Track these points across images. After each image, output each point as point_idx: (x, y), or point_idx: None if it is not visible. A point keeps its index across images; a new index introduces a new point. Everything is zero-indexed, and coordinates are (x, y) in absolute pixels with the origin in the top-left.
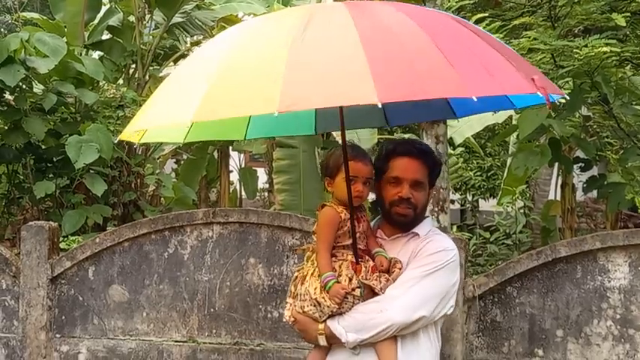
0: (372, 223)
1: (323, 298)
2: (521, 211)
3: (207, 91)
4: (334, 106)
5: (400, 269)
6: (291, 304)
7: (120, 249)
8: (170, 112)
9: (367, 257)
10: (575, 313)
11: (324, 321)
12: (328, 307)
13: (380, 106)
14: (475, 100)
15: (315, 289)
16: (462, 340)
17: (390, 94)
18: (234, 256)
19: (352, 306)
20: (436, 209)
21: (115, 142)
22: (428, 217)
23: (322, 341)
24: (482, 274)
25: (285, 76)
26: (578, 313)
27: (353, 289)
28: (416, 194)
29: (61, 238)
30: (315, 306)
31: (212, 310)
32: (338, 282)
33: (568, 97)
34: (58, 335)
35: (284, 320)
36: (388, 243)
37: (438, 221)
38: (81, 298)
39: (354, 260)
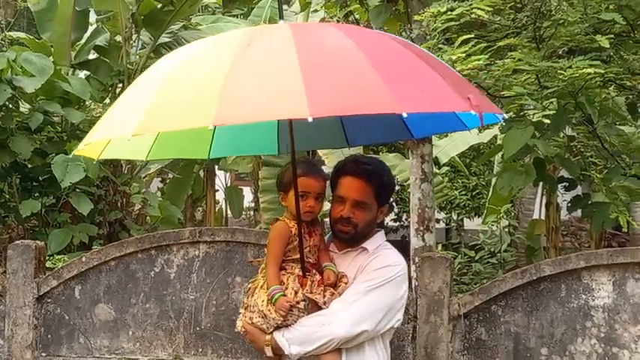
0: (326, 237)
1: (269, 310)
2: (506, 230)
3: (149, 106)
4: (268, 120)
5: (346, 283)
6: (242, 315)
7: (106, 268)
8: (114, 127)
9: (315, 271)
10: (560, 331)
11: (271, 332)
12: (274, 319)
13: (310, 120)
14: (405, 116)
15: (263, 301)
16: (447, 358)
17: (322, 110)
18: (221, 274)
19: (297, 319)
20: (421, 228)
21: (70, 156)
22: (380, 231)
23: (269, 352)
24: (468, 292)
25: (223, 92)
26: (563, 331)
27: (297, 302)
28: (357, 213)
29: (46, 257)
30: (262, 317)
31: (198, 328)
32: (284, 295)
33: (506, 116)
34: (43, 354)
35: (235, 331)
36: (339, 257)
37: (424, 240)
38: (67, 317)
39: (300, 274)
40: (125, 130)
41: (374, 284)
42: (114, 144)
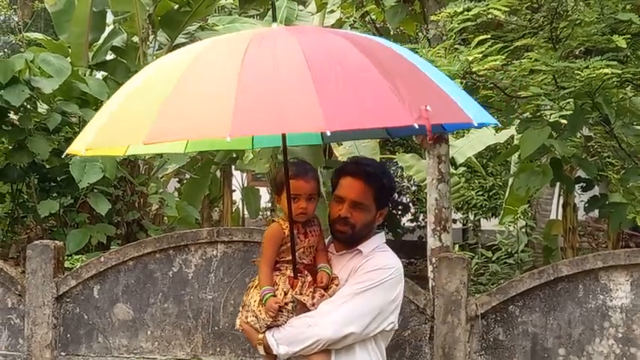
0: (327, 239)
1: (259, 310)
2: (523, 230)
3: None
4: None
5: (337, 285)
6: (240, 313)
7: (125, 268)
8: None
9: (306, 272)
10: (578, 331)
11: (264, 332)
12: (264, 319)
13: (329, 134)
14: (329, 134)
15: (255, 301)
16: (464, 358)
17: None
18: (239, 274)
19: (287, 319)
20: (438, 228)
21: (63, 156)
22: (379, 233)
23: (261, 350)
24: (485, 293)
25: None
26: (581, 331)
27: (286, 304)
28: (355, 214)
29: (65, 257)
30: (255, 317)
31: (216, 328)
32: (274, 296)
33: (476, 124)
34: (63, 353)
35: (235, 328)
36: (336, 258)
37: (440, 240)
38: (86, 317)
39: (291, 275)
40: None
41: (363, 287)
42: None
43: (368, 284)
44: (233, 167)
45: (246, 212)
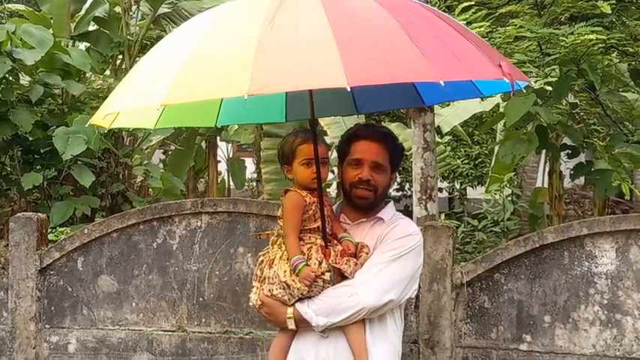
0: (334, 207)
1: (293, 280)
2: (509, 198)
3: (176, 75)
4: (304, 89)
5: (367, 254)
6: (257, 288)
7: (109, 239)
8: (140, 96)
9: (335, 241)
10: (563, 298)
11: (293, 304)
12: (298, 289)
13: (349, 89)
14: (443, 85)
15: (285, 272)
16: (450, 326)
17: (359, 79)
18: (223, 245)
19: (322, 289)
20: (424, 197)
21: (86, 126)
22: (390, 201)
23: (291, 324)
24: (471, 261)
25: (255, 61)
26: (566, 298)
27: (323, 273)
28: (376, 176)
29: (49, 230)
30: (284, 289)
31: (201, 299)
32: (307, 265)
33: (534, 84)
34: (47, 326)
35: (250, 305)
36: (353, 227)
37: (426, 209)
38: (70, 289)
39: (322, 244)
40: (153, 99)
41: (397, 253)
42: (123, 114)
43: (400, 251)
44: (218, 138)
45: (231, 183)
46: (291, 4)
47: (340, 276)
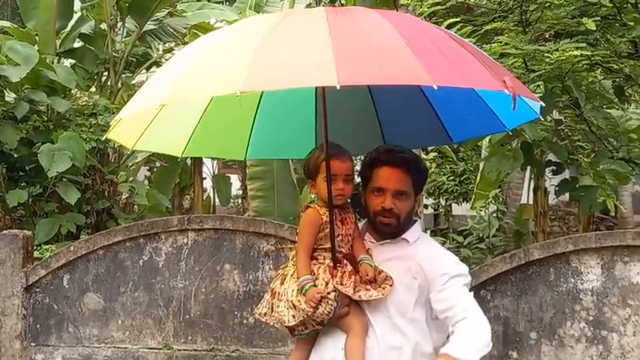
0: (360, 225)
1: (299, 301)
2: (494, 215)
3: (178, 78)
4: (295, 87)
5: (391, 286)
6: (267, 301)
7: (94, 257)
8: (143, 100)
9: (346, 261)
10: (549, 315)
11: (297, 325)
12: (304, 310)
13: (338, 87)
14: (436, 88)
15: (293, 291)
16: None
17: (350, 78)
18: (210, 262)
19: (330, 310)
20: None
21: (103, 139)
22: (416, 221)
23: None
24: None
25: (252, 61)
26: (552, 315)
27: (328, 293)
28: (399, 204)
29: (34, 247)
30: (289, 308)
31: (187, 316)
32: (315, 286)
33: (544, 104)
34: (33, 344)
35: (256, 315)
36: (377, 247)
37: None
38: (56, 307)
39: (331, 264)
40: (154, 101)
41: (464, 279)
42: (149, 136)
43: (465, 275)
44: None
45: (217, 200)
46: (296, 16)
47: (346, 297)
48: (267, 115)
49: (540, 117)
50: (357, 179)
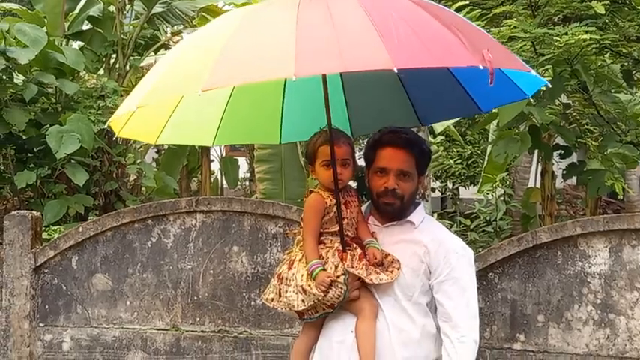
0: (363, 208)
1: (309, 285)
2: (502, 198)
3: (155, 79)
4: (255, 81)
5: (399, 269)
6: (274, 286)
7: (103, 238)
8: (175, 85)
9: (355, 245)
10: (556, 298)
11: (306, 310)
12: (314, 294)
13: (396, 71)
14: (396, 72)
15: (302, 275)
16: None
17: (308, 69)
18: (218, 244)
19: (340, 293)
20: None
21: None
22: (420, 203)
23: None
24: None
25: (218, 58)
26: (559, 298)
27: (338, 277)
28: (402, 184)
29: (42, 228)
30: (298, 293)
31: (195, 298)
32: (324, 269)
33: (545, 81)
34: (41, 324)
35: (262, 299)
36: (382, 230)
37: None
38: (64, 287)
39: (340, 248)
40: (194, 85)
41: (468, 277)
42: (172, 129)
43: (467, 277)
44: None
45: (224, 182)
46: (270, 7)
47: (357, 279)
48: (296, 100)
49: (546, 84)
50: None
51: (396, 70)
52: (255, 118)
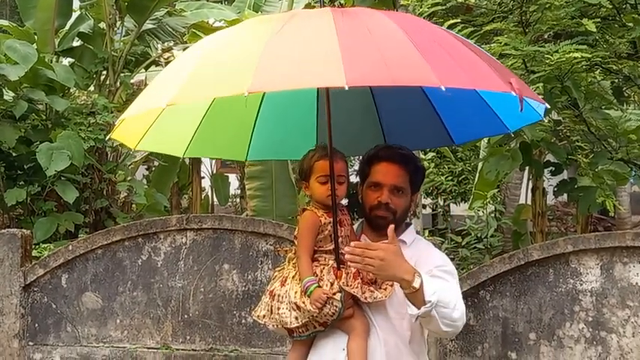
0: (355, 227)
1: (303, 302)
2: (493, 215)
3: (184, 79)
4: (303, 87)
5: (392, 286)
6: (266, 303)
7: (93, 256)
8: (149, 100)
9: (349, 263)
10: (548, 316)
11: (302, 325)
12: (309, 311)
13: (347, 88)
14: (445, 90)
15: (296, 292)
16: (435, 343)
17: (358, 79)
18: (208, 262)
19: (335, 311)
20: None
21: (107, 138)
22: (411, 224)
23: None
24: None
25: (259, 62)
26: (551, 316)
27: (334, 294)
28: (395, 199)
29: (32, 246)
30: (292, 310)
31: (186, 316)
32: (319, 287)
33: (548, 106)
34: (31, 343)
35: (254, 317)
36: None
37: None
38: (54, 306)
39: (335, 265)
40: (160, 101)
41: (454, 277)
42: (152, 135)
43: (454, 272)
44: None
45: (215, 199)
46: (301, 17)
47: (351, 298)
48: (269, 117)
49: (543, 118)
50: (356, 179)
51: (443, 89)
52: (226, 133)
